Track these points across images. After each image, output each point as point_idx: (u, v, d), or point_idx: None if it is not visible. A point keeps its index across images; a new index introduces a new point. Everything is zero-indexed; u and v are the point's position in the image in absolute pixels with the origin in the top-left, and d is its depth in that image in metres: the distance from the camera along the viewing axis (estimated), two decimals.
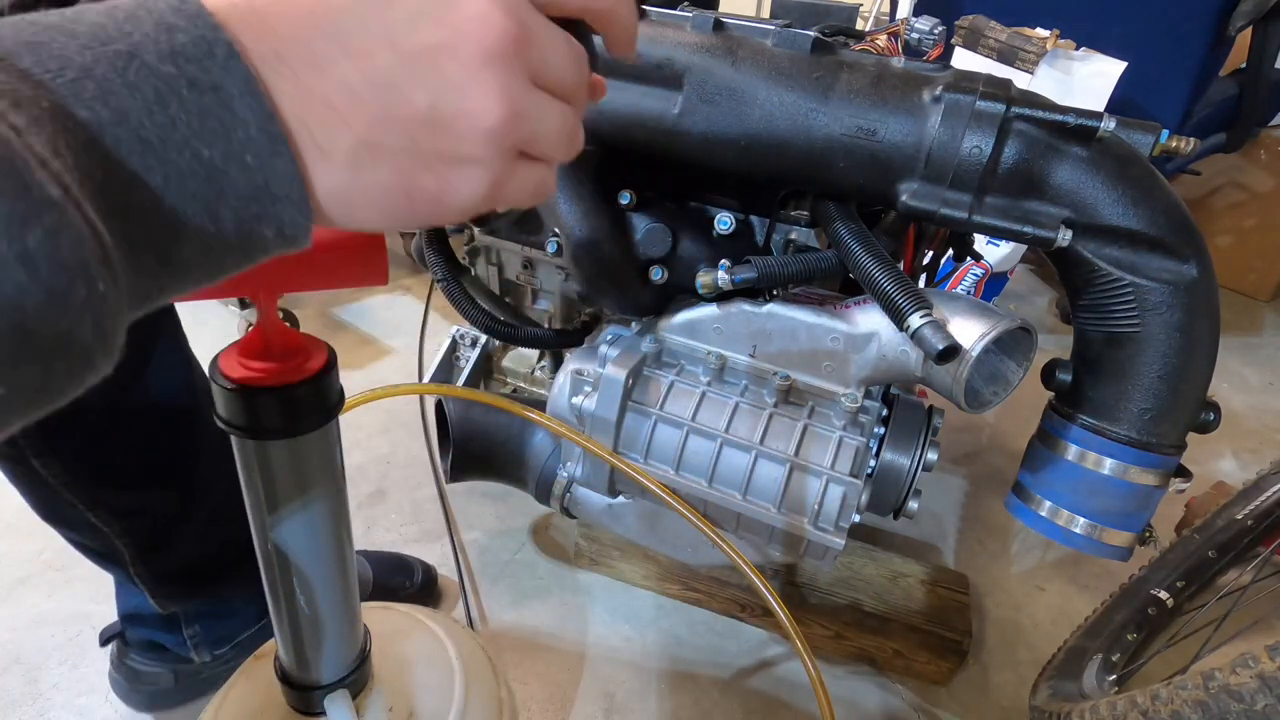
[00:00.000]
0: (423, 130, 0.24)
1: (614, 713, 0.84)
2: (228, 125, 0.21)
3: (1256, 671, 0.48)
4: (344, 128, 0.23)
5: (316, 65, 0.22)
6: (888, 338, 0.69)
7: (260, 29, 0.22)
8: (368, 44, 0.23)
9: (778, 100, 0.62)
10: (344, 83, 0.23)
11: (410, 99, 0.23)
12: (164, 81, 0.20)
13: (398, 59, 0.23)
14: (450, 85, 0.24)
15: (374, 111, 0.23)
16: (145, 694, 0.80)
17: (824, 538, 0.71)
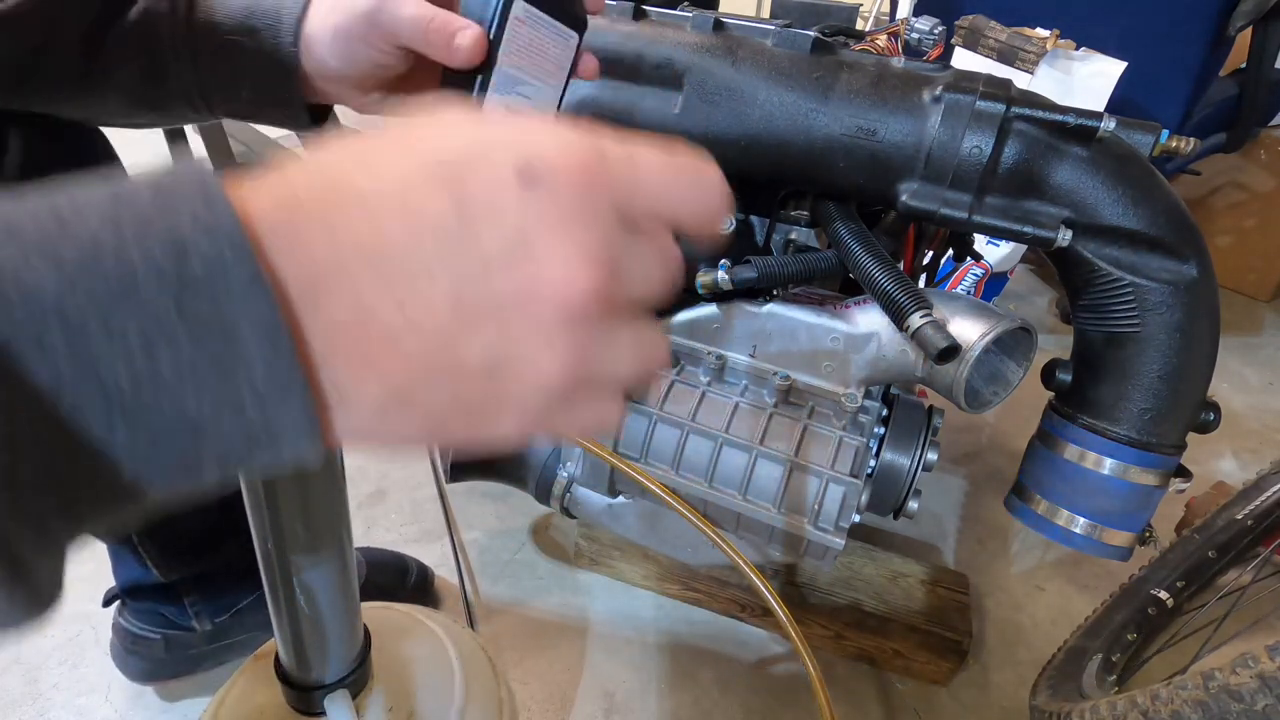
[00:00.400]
0: (468, 385, 0.20)
1: (614, 713, 0.84)
2: (228, 370, 0.17)
3: (1256, 671, 0.48)
4: (375, 379, 0.19)
5: (358, 307, 0.18)
6: (888, 338, 0.69)
7: (297, 247, 0.18)
8: (429, 294, 0.19)
9: (778, 100, 0.62)
10: (387, 332, 0.19)
11: (463, 355, 0.19)
12: (157, 324, 0.16)
13: (457, 313, 0.19)
14: (513, 344, 0.20)
15: (415, 365, 0.19)
16: (140, 662, 0.80)
17: (824, 538, 0.71)
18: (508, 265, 0.19)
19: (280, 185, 0.18)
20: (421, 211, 0.19)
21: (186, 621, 0.79)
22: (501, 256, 0.19)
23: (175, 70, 0.47)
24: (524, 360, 0.20)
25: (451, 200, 0.19)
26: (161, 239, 0.16)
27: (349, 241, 0.18)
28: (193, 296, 0.16)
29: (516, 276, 0.19)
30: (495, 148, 0.20)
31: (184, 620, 0.79)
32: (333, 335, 0.18)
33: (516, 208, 0.19)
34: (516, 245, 0.19)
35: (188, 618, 0.78)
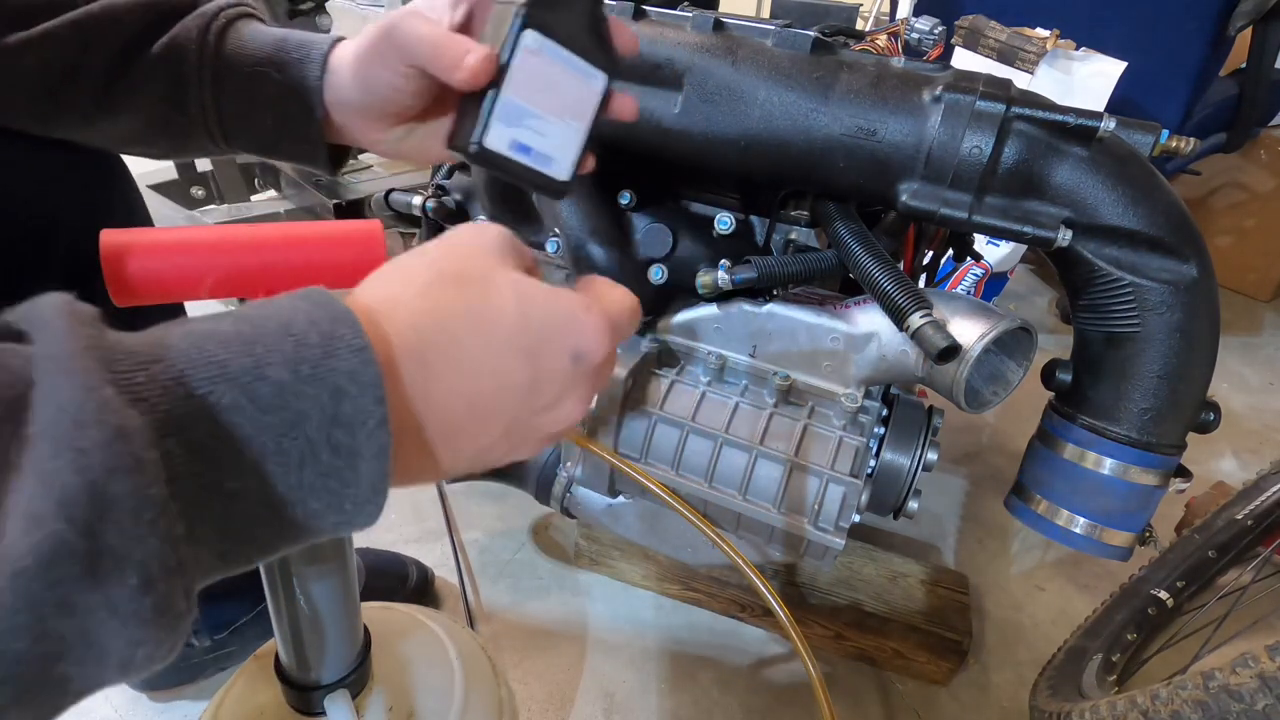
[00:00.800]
0: (486, 463, 0.30)
1: (614, 713, 0.84)
2: (346, 484, 0.23)
3: (1256, 671, 0.48)
4: (435, 468, 0.28)
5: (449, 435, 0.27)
6: (888, 338, 0.69)
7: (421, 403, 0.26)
8: (497, 426, 0.29)
9: (778, 100, 0.62)
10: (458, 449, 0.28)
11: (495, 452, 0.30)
12: (312, 449, 0.22)
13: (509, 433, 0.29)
14: (524, 444, 0.31)
15: (467, 459, 0.29)
16: None
17: (824, 538, 0.71)
18: (548, 410, 0.30)
19: (405, 328, 0.26)
20: (511, 378, 0.28)
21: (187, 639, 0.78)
22: (547, 407, 0.30)
23: (198, 99, 0.46)
24: (522, 452, 0.31)
25: (529, 372, 0.28)
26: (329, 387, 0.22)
27: (456, 393, 0.27)
28: (338, 429, 0.22)
29: (549, 417, 0.30)
30: (561, 334, 0.29)
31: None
32: (423, 446, 0.27)
33: (564, 380, 0.30)
34: (557, 401, 0.30)
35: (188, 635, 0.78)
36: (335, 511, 0.23)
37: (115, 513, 0.17)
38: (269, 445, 0.21)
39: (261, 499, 0.22)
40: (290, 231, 0.39)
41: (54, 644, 0.17)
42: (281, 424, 0.21)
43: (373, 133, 0.47)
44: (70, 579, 0.17)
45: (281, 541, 0.23)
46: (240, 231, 0.38)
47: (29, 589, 0.16)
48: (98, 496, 0.17)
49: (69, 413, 0.17)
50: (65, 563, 0.17)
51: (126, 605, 0.18)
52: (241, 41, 0.46)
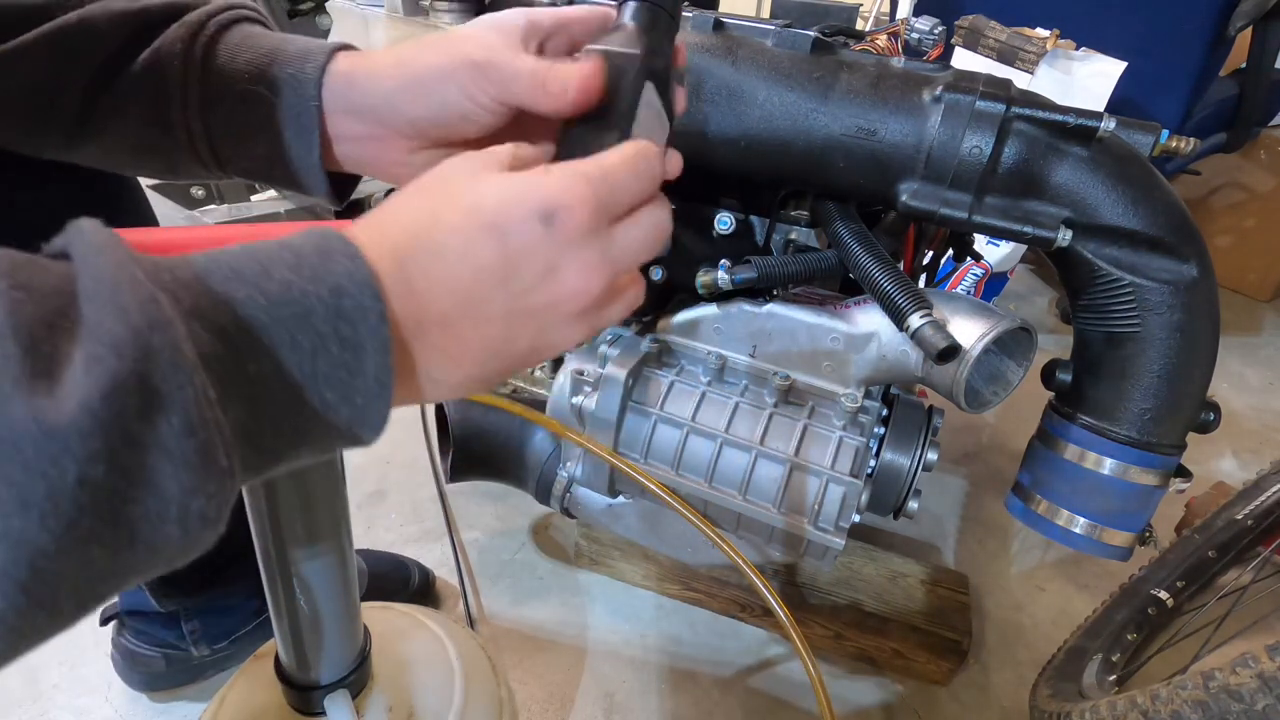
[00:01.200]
0: (516, 361, 0.31)
1: (614, 713, 0.84)
2: (353, 374, 0.25)
3: (1256, 671, 0.48)
4: (457, 369, 0.29)
5: (447, 329, 0.28)
6: (888, 338, 0.69)
7: (410, 301, 0.27)
8: (491, 314, 0.29)
9: (778, 100, 0.62)
10: (466, 345, 0.29)
11: (514, 346, 0.30)
12: (321, 339, 0.24)
13: (511, 322, 0.29)
14: (547, 334, 0.31)
15: (484, 358, 0.30)
16: (141, 675, 0.80)
17: (824, 538, 0.71)
18: (540, 286, 0.29)
19: (386, 240, 0.27)
20: (480, 259, 0.28)
21: (185, 648, 0.79)
22: (535, 281, 0.29)
23: (183, 122, 0.41)
24: (555, 339, 0.31)
25: (499, 249, 0.28)
26: (328, 285, 0.25)
27: (444, 294, 0.28)
28: (343, 322, 0.25)
29: (547, 293, 0.30)
30: (520, 202, 0.29)
31: (183, 646, 0.79)
32: (430, 350, 0.28)
33: (542, 245, 0.29)
34: (545, 271, 0.29)
35: (187, 644, 0.78)
36: (347, 404, 0.25)
37: (156, 358, 0.20)
38: (283, 336, 0.24)
39: (281, 383, 0.24)
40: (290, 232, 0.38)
41: (123, 477, 0.19)
42: (292, 317, 0.24)
43: (396, 154, 0.42)
44: (128, 411, 0.19)
45: (304, 432, 0.25)
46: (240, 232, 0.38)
47: (98, 416, 0.19)
48: (141, 342, 0.20)
49: (107, 282, 0.20)
50: (122, 394, 0.19)
51: (175, 445, 0.20)
52: (233, 55, 0.41)
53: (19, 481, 0.18)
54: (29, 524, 0.18)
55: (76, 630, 0.73)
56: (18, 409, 0.18)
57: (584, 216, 0.29)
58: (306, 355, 0.24)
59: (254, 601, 0.79)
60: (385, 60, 0.40)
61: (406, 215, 0.29)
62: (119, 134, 0.42)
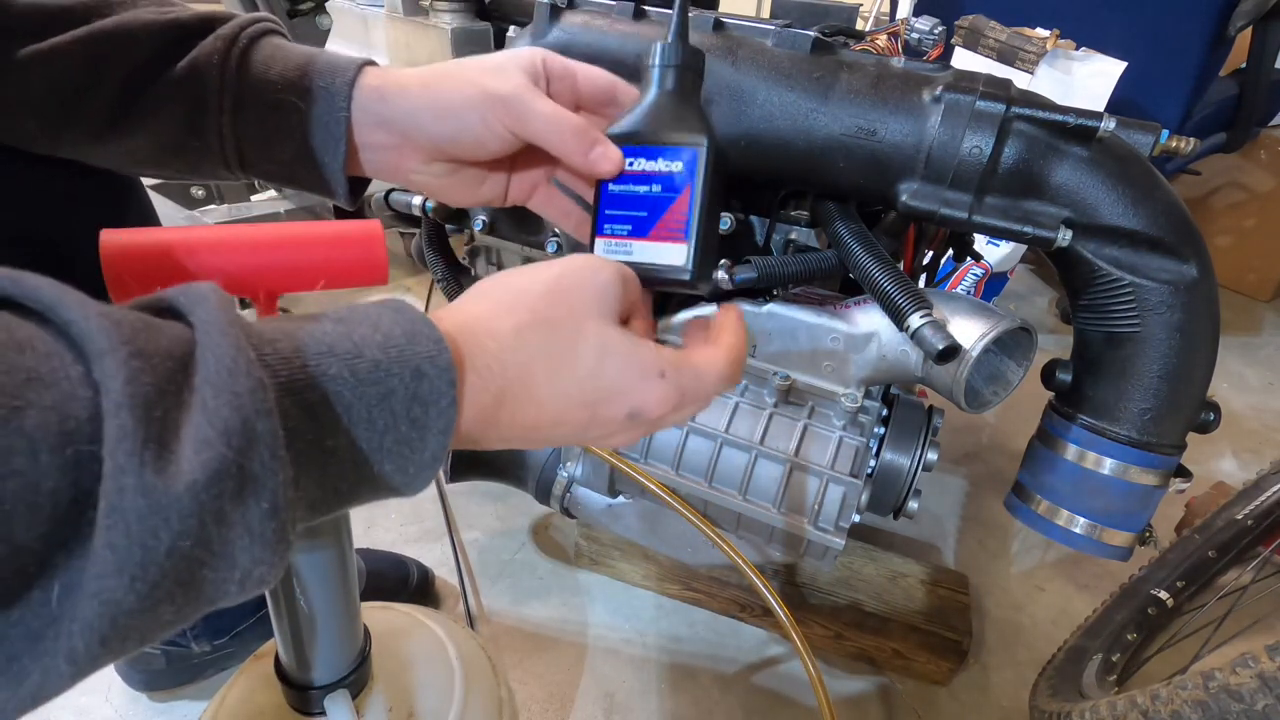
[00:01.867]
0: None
1: (614, 713, 0.84)
2: (415, 451, 0.27)
3: (1256, 671, 0.48)
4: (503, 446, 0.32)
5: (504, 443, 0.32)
6: (888, 338, 0.69)
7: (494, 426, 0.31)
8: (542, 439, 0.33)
9: (778, 100, 0.62)
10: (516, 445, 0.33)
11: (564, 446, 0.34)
12: (394, 419, 0.26)
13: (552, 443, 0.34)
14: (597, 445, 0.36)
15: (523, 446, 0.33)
16: (141, 674, 0.80)
17: (824, 538, 0.71)
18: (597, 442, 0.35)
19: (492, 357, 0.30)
20: (566, 418, 0.32)
21: (185, 644, 0.79)
22: (591, 441, 0.35)
23: (216, 126, 0.44)
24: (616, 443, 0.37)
25: (585, 418, 0.32)
26: (410, 369, 0.27)
27: (520, 422, 0.31)
28: (417, 404, 0.27)
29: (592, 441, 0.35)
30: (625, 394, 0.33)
31: (183, 642, 0.78)
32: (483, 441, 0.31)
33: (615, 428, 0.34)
34: (602, 439, 0.35)
35: (187, 640, 0.78)
36: (401, 474, 0.27)
37: (259, 446, 0.22)
38: (362, 413, 0.25)
39: (350, 457, 0.26)
40: (290, 232, 0.39)
41: (206, 549, 0.21)
42: (374, 396, 0.26)
43: (412, 163, 0.45)
44: (226, 494, 0.21)
45: (357, 496, 0.27)
46: (240, 231, 0.38)
47: (199, 498, 0.20)
48: (249, 431, 0.21)
49: (226, 365, 0.22)
50: (224, 479, 0.21)
51: (257, 525, 0.22)
52: (266, 65, 0.44)
53: (120, 548, 0.19)
54: (120, 586, 0.19)
55: None
56: (130, 482, 0.19)
57: (659, 416, 0.34)
58: (378, 433, 0.26)
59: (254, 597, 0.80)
60: (413, 80, 0.43)
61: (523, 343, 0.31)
62: (152, 135, 0.44)
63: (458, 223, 0.86)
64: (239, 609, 0.80)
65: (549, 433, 0.32)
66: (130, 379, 0.20)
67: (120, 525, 0.19)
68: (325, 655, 0.48)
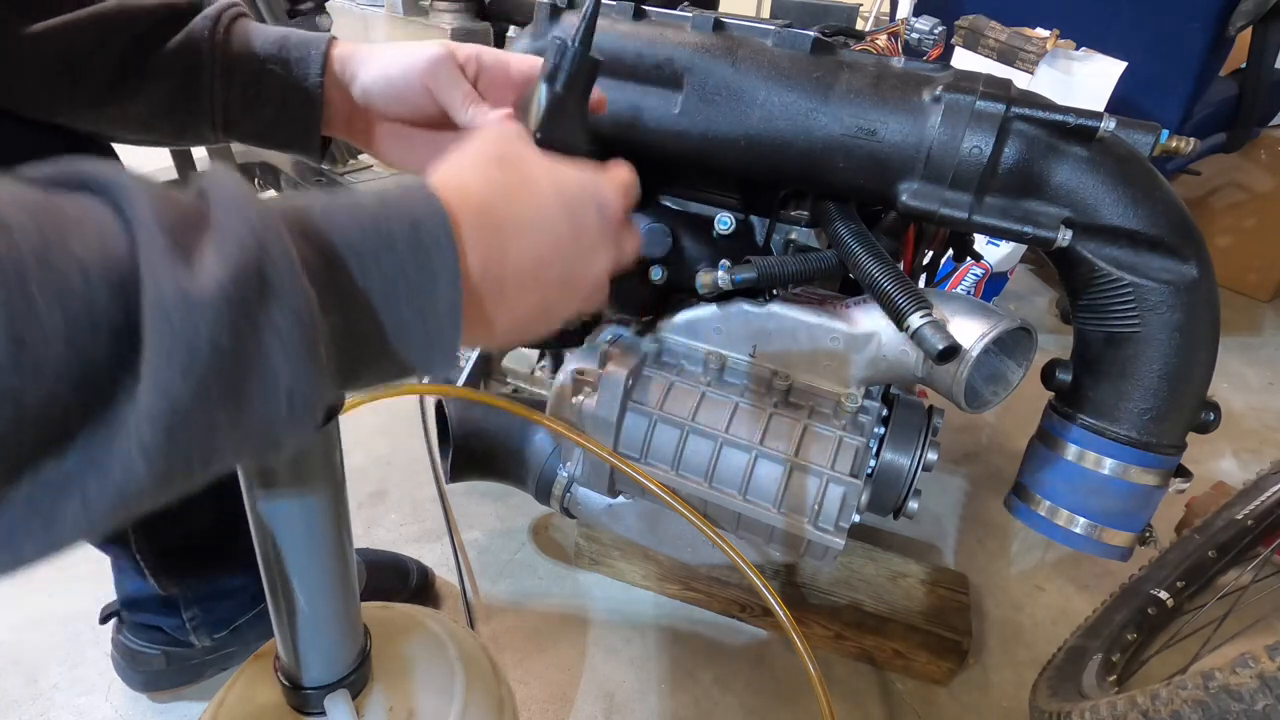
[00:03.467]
0: (552, 324, 0.38)
1: (614, 713, 0.84)
2: (430, 300, 0.29)
3: (1256, 671, 0.48)
4: (511, 321, 0.35)
5: (521, 292, 0.35)
6: (888, 338, 0.69)
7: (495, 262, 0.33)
8: (552, 278, 0.36)
9: (778, 100, 0.62)
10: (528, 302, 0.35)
11: (556, 305, 0.37)
12: (401, 262, 0.28)
13: (561, 279, 0.37)
14: (579, 297, 0.39)
15: (533, 307, 0.36)
16: (141, 674, 0.80)
17: (824, 538, 0.71)
18: (591, 260, 0.38)
19: (472, 197, 0.32)
20: (559, 231, 0.36)
21: (185, 637, 0.78)
22: (588, 254, 0.38)
23: (209, 90, 0.51)
24: (580, 303, 0.39)
25: (570, 224, 0.37)
26: (408, 219, 0.29)
27: (526, 248, 0.34)
28: (420, 251, 0.29)
29: (593, 265, 0.39)
30: (587, 193, 0.38)
31: (183, 635, 0.78)
32: (502, 300, 0.34)
33: (595, 229, 0.38)
34: (591, 249, 0.38)
35: (186, 633, 0.78)
36: (420, 328, 0.29)
37: (273, 260, 0.24)
38: (371, 260, 0.28)
39: (368, 299, 0.28)
40: None
41: (243, 350, 0.23)
42: (378, 242, 0.28)
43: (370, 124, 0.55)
44: (250, 294, 0.23)
45: (384, 351, 0.29)
46: None
47: (228, 294, 0.22)
48: (260, 240, 0.24)
49: (235, 198, 0.24)
50: (246, 281, 0.23)
51: (285, 330, 0.24)
52: (246, 39, 0.52)
53: (166, 339, 0.21)
54: (173, 375, 0.21)
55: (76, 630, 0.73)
56: (167, 281, 0.21)
57: (618, 206, 0.40)
58: (389, 279, 0.28)
59: (252, 586, 0.80)
60: (372, 52, 0.52)
61: (492, 180, 0.35)
62: (147, 100, 0.51)
63: None
64: (238, 602, 0.80)
65: (553, 252, 0.35)
66: (156, 210, 0.22)
67: (164, 320, 0.21)
68: (325, 655, 0.48)
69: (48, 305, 0.19)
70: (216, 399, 0.22)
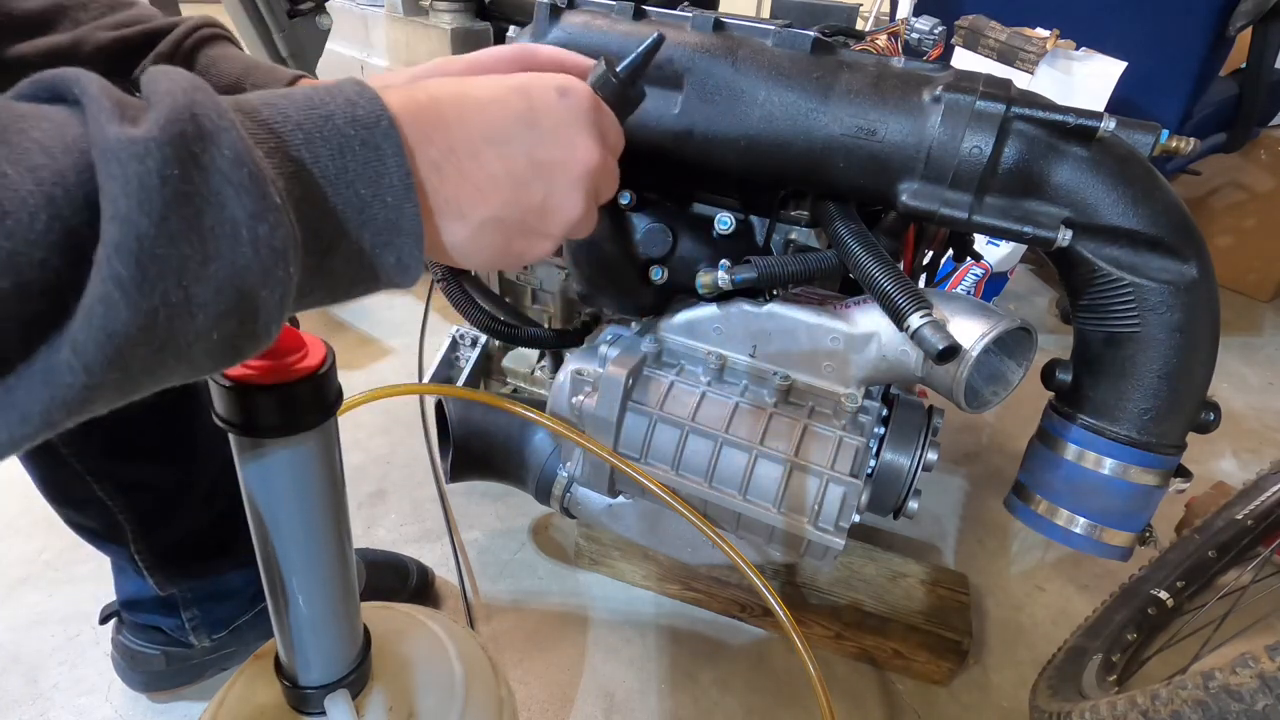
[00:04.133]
0: (531, 214, 0.36)
1: (614, 713, 0.84)
2: (379, 174, 0.29)
3: (1256, 671, 0.48)
4: (482, 204, 0.34)
5: (475, 158, 0.33)
6: (888, 338, 0.69)
7: (443, 127, 0.32)
8: (513, 150, 0.34)
9: (778, 100, 0.62)
10: (492, 175, 0.34)
11: (531, 193, 0.36)
12: (344, 138, 0.28)
13: (530, 164, 0.35)
14: (557, 189, 0.37)
15: (505, 197, 0.35)
16: (141, 675, 0.80)
17: (824, 538, 0.71)
18: (556, 142, 0.36)
19: (425, 92, 0.32)
20: (510, 106, 0.35)
21: (185, 637, 0.79)
22: (552, 135, 0.36)
23: None
24: (561, 200, 0.37)
25: (526, 102, 0.35)
26: (342, 102, 0.29)
27: (469, 114, 0.33)
28: (361, 127, 0.29)
29: (560, 149, 0.36)
30: (543, 78, 0.37)
31: (182, 636, 0.78)
32: (459, 177, 0.32)
33: (559, 108, 0.36)
34: (560, 128, 0.36)
35: (185, 633, 0.78)
36: (380, 203, 0.29)
37: (203, 104, 0.24)
38: (313, 132, 0.28)
39: (320, 172, 0.28)
40: None
41: (193, 187, 0.23)
42: (317, 119, 0.28)
43: None
44: (188, 135, 0.23)
45: (348, 224, 0.28)
46: None
47: (167, 132, 0.23)
48: (189, 96, 0.24)
49: (169, 74, 0.25)
50: (180, 122, 0.23)
51: (229, 171, 0.24)
52: (208, 65, 0.52)
53: (118, 176, 0.22)
54: (131, 207, 0.22)
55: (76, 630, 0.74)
56: (112, 130, 0.22)
57: (587, 97, 0.38)
58: (335, 151, 0.28)
59: (252, 586, 0.80)
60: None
61: (438, 83, 0.34)
62: None
63: None
64: (238, 602, 0.80)
65: (505, 128, 0.34)
66: (103, 87, 0.23)
67: (113, 159, 0.22)
68: (325, 655, 0.48)
69: (19, 176, 0.21)
70: (179, 232, 0.23)
